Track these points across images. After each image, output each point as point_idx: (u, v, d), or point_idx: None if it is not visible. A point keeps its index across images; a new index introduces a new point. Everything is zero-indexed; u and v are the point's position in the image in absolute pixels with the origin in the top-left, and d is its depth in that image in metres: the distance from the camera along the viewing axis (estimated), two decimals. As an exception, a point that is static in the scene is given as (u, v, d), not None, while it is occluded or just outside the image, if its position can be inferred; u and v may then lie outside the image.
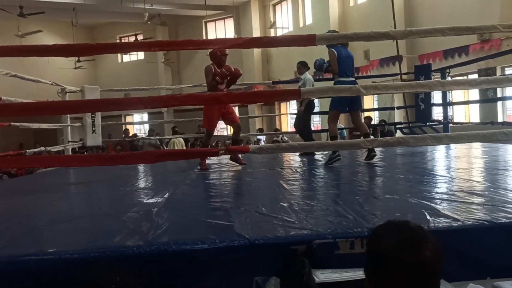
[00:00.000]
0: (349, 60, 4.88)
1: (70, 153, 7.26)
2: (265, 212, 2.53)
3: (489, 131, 3.07)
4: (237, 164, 5.18)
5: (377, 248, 1.18)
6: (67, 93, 6.98)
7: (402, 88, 3.20)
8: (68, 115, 7.14)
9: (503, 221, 2.08)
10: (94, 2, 17.74)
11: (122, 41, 21.36)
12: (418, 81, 3.71)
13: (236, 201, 3.01)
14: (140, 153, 4.04)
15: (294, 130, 10.13)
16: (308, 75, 6.77)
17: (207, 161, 5.28)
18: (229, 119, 5.32)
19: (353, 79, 4.81)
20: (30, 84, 7.14)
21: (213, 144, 14.08)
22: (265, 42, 4.45)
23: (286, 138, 12.89)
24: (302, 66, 6.87)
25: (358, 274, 1.86)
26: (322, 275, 1.85)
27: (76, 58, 18.78)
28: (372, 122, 11.95)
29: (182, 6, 19.66)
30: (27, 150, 5.69)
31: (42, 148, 6.21)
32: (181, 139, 11.02)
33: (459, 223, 2.08)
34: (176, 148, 10.41)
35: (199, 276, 1.91)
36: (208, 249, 1.92)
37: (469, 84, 3.55)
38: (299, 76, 6.94)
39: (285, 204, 2.70)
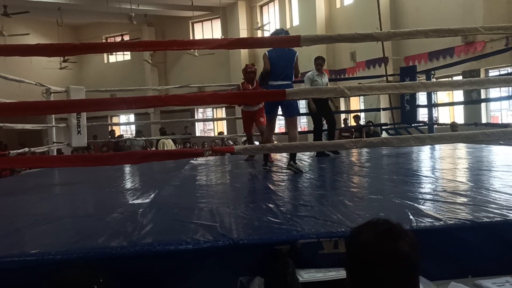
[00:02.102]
0: (281, 62, 4.52)
1: (55, 154, 7.18)
2: (249, 212, 2.53)
3: (471, 132, 3.12)
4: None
5: (355, 243, 1.19)
6: (52, 94, 6.90)
7: (386, 89, 3.23)
8: (53, 116, 7.06)
9: (485, 220, 2.11)
10: (80, 1, 17.58)
11: (108, 41, 21.19)
12: (401, 83, 3.75)
13: (221, 202, 3.00)
14: (124, 153, 4.02)
15: (281, 131, 10.19)
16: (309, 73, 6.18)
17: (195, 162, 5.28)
18: (256, 123, 5.80)
19: (283, 83, 4.43)
20: (13, 84, 7.05)
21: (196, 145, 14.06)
22: (250, 42, 4.46)
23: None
24: (323, 61, 6.26)
25: (342, 273, 1.86)
26: (306, 275, 1.86)
27: (61, 58, 18.59)
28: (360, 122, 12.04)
29: (168, 7, 19.58)
30: (10, 151, 5.61)
31: (26, 149, 6.12)
32: (170, 140, 10.99)
33: (441, 222, 2.11)
34: (165, 148, 10.37)
35: (184, 276, 1.90)
36: (193, 250, 1.92)
37: (452, 86, 3.60)
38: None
39: (270, 205, 2.71)
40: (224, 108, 19.87)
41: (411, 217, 2.20)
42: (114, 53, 21.01)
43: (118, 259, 1.87)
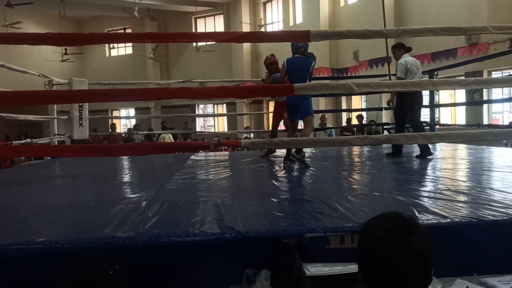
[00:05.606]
0: (297, 71, 4.59)
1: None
2: (255, 206, 2.54)
3: (478, 131, 3.12)
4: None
5: (366, 237, 1.19)
6: (54, 85, 6.88)
7: (394, 87, 3.23)
8: (55, 108, 7.06)
9: (490, 219, 2.12)
10: (83, -6, 17.53)
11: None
12: (410, 80, 3.73)
13: (226, 196, 3.00)
14: (131, 145, 4.01)
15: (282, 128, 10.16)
16: (404, 58, 5.08)
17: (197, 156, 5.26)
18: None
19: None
20: (15, 75, 7.03)
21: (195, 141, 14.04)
22: (260, 37, 4.48)
23: None
24: (396, 49, 5.28)
25: (348, 268, 1.88)
26: (313, 269, 1.86)
27: (63, 51, 18.54)
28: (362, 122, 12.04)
29: (171, 1, 19.53)
30: (13, 142, 5.61)
31: (29, 140, 6.12)
32: (170, 135, 10.99)
33: (447, 220, 2.11)
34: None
35: (190, 268, 1.91)
36: (200, 241, 1.92)
37: (460, 84, 3.60)
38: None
39: (275, 199, 2.72)
40: (225, 105, 19.84)
41: (417, 214, 2.20)
42: (116, 46, 21.00)
43: (126, 249, 1.88)
